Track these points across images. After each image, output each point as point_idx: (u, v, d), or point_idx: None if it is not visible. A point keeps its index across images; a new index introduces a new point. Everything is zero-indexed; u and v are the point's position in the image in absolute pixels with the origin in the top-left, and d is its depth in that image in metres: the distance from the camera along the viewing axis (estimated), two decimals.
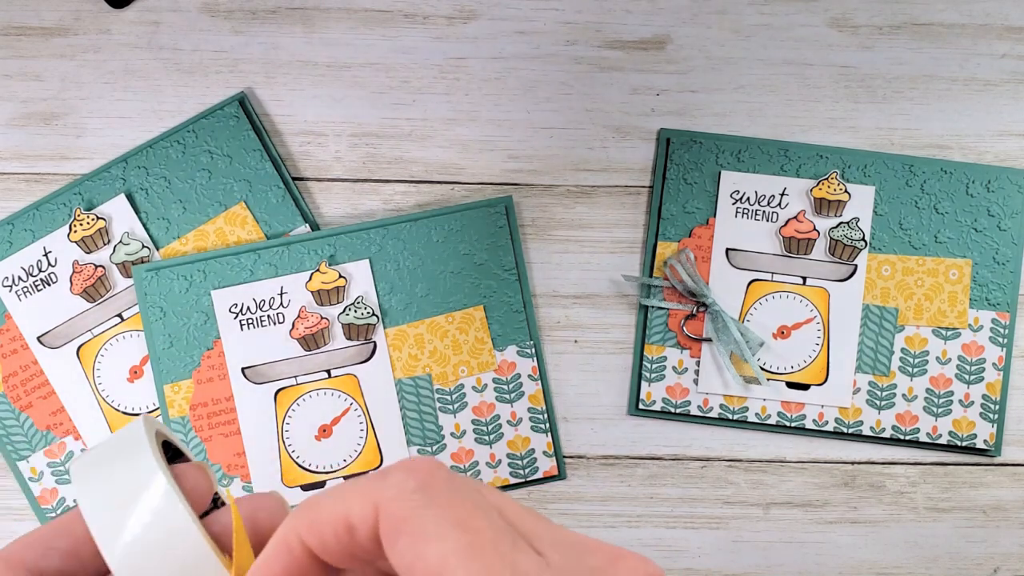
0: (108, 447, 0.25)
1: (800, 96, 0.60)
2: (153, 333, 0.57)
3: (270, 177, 0.58)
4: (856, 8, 0.60)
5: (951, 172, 0.58)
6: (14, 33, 0.59)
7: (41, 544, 0.24)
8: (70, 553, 0.25)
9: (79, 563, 0.25)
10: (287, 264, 0.57)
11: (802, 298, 0.58)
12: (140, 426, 0.26)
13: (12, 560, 0.24)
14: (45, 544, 0.25)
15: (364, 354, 0.57)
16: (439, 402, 0.57)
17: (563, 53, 0.60)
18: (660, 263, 0.59)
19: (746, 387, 0.58)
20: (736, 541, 0.59)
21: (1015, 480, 0.59)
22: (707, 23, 0.60)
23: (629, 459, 0.59)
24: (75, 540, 0.25)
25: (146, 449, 0.24)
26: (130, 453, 0.25)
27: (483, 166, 0.60)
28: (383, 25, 0.60)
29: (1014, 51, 0.60)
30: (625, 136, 0.60)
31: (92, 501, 0.24)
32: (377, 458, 0.57)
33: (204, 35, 0.59)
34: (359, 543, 0.20)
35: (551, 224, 0.59)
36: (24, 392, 0.57)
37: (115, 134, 0.59)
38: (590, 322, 0.59)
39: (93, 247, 0.57)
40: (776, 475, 0.59)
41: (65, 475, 0.57)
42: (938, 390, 0.58)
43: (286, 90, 0.59)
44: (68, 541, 0.25)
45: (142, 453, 0.24)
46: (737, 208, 0.59)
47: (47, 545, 0.24)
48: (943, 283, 0.58)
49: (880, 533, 0.59)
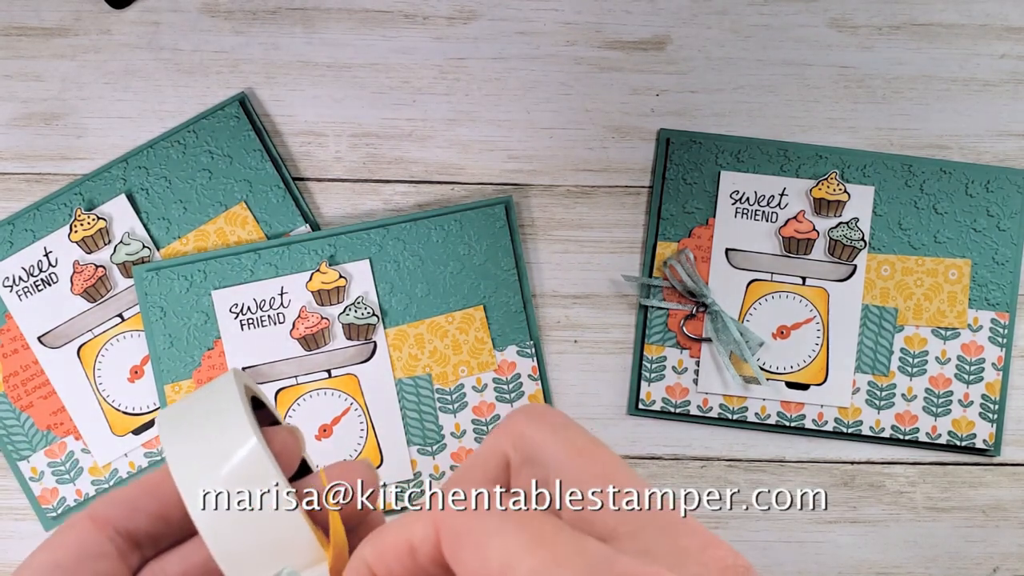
0: (198, 401, 0.24)
1: (800, 96, 0.60)
2: (153, 333, 0.57)
3: (270, 177, 0.58)
4: (856, 8, 0.60)
5: (950, 172, 0.58)
6: (15, 33, 0.59)
7: (128, 504, 0.24)
8: (158, 515, 0.24)
9: (167, 526, 0.24)
10: (287, 264, 0.57)
11: (801, 298, 0.58)
12: (231, 381, 0.24)
13: (99, 519, 0.23)
14: (132, 504, 0.24)
15: (364, 354, 0.57)
16: (439, 402, 0.57)
17: (563, 53, 0.60)
18: (660, 263, 0.59)
19: (746, 387, 0.58)
20: (736, 541, 0.59)
21: (1014, 480, 0.59)
22: (707, 23, 0.60)
23: (629, 459, 0.59)
24: (163, 502, 0.24)
25: (239, 408, 0.23)
26: (221, 411, 0.23)
27: (483, 166, 0.60)
28: (383, 25, 0.60)
29: (1014, 51, 0.60)
30: (625, 136, 0.60)
31: (182, 462, 0.22)
32: (377, 458, 0.57)
33: (204, 35, 0.59)
34: (422, 565, 0.20)
35: (551, 224, 0.59)
36: (25, 392, 0.57)
37: (115, 134, 0.59)
38: (590, 322, 0.59)
39: (94, 247, 0.58)
40: (776, 475, 0.59)
41: (66, 475, 0.58)
42: (937, 390, 0.58)
43: (286, 90, 0.59)
44: (156, 503, 0.24)
45: (234, 412, 0.23)
46: (737, 208, 0.59)
47: (134, 506, 0.24)
48: (942, 283, 0.58)
49: (879, 533, 0.59)
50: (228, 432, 0.23)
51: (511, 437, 0.22)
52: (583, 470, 0.21)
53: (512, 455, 0.22)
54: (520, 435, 0.22)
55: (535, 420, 0.22)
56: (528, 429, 0.22)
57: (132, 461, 0.58)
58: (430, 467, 0.58)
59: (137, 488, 0.24)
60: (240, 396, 0.24)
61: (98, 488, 0.58)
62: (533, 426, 0.22)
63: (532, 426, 0.22)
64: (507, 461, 0.22)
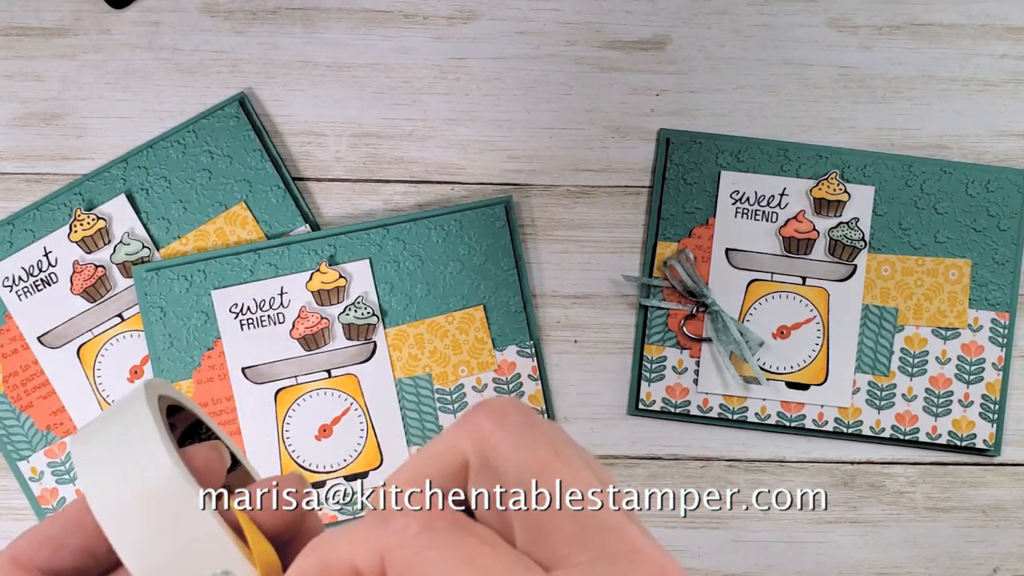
0: (110, 422, 0.23)
1: (800, 96, 0.60)
2: (153, 333, 0.57)
3: (270, 177, 0.58)
4: (856, 8, 0.60)
5: (950, 172, 0.58)
6: (14, 33, 0.59)
7: (52, 542, 0.23)
8: (84, 550, 0.23)
9: (93, 559, 0.23)
10: (287, 264, 0.57)
11: (802, 298, 0.58)
12: (142, 396, 0.23)
13: (22, 560, 0.23)
14: (56, 542, 0.23)
15: (364, 354, 0.57)
16: (439, 402, 0.57)
17: (563, 53, 0.60)
18: (660, 263, 0.59)
19: (746, 387, 0.58)
20: (736, 541, 0.59)
21: (1014, 480, 0.59)
22: (707, 23, 0.60)
23: (629, 459, 0.59)
24: (87, 536, 0.23)
25: (152, 428, 0.22)
26: (135, 432, 0.22)
27: (483, 166, 0.60)
28: (383, 25, 0.60)
29: (1014, 51, 0.60)
30: (625, 136, 0.60)
31: (100, 492, 0.22)
32: (377, 458, 0.57)
33: (204, 35, 0.59)
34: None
35: (551, 224, 0.59)
36: (24, 392, 0.57)
37: (115, 134, 0.59)
38: (590, 322, 0.59)
39: (93, 247, 0.58)
40: (776, 475, 0.59)
41: (66, 475, 0.58)
42: (938, 390, 0.58)
43: (286, 90, 0.59)
44: (80, 538, 0.23)
45: (148, 433, 0.22)
46: (737, 208, 0.59)
47: (59, 543, 0.23)
48: (943, 283, 0.58)
49: (880, 533, 0.59)
50: (143, 455, 0.22)
51: (471, 438, 0.21)
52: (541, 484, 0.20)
53: (471, 458, 0.21)
54: (481, 438, 0.21)
55: (498, 421, 0.21)
56: (491, 435, 0.21)
57: None
58: None
59: (60, 523, 0.23)
60: (153, 413, 0.23)
61: None
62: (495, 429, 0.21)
63: (494, 429, 0.21)
64: (465, 462, 0.22)
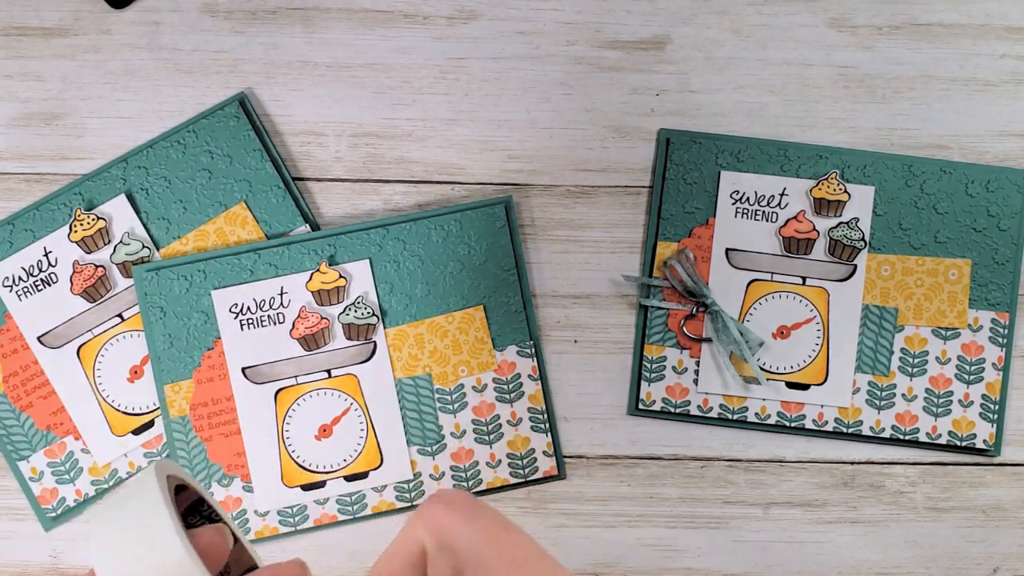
0: (122, 505, 0.25)
1: (800, 96, 0.60)
2: (153, 333, 0.57)
3: (270, 177, 0.58)
4: (856, 8, 0.60)
5: (950, 172, 0.58)
6: (14, 33, 0.59)
7: None
8: None
9: None
10: (287, 264, 0.57)
11: (802, 298, 0.58)
12: (153, 481, 0.25)
13: None
14: None
15: (364, 354, 0.57)
16: (439, 402, 0.57)
17: (563, 53, 0.60)
18: (660, 263, 0.59)
19: (746, 387, 0.58)
20: (736, 541, 0.59)
21: (1015, 480, 0.59)
22: (707, 23, 0.60)
23: (629, 459, 0.59)
24: None
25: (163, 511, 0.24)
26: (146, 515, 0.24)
27: (483, 166, 0.60)
28: (383, 25, 0.60)
29: (1013, 51, 0.60)
30: (625, 136, 0.60)
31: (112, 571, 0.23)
32: (377, 458, 0.57)
33: (204, 35, 0.59)
34: None
35: (551, 224, 0.59)
36: (24, 392, 0.57)
37: (115, 134, 0.59)
38: (590, 322, 0.59)
39: (93, 247, 0.58)
40: (776, 475, 0.59)
41: (66, 475, 0.58)
42: (938, 390, 0.58)
43: (286, 90, 0.59)
44: None
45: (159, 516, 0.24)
46: (737, 208, 0.59)
47: None
48: (943, 283, 0.58)
49: (880, 533, 0.59)
50: (156, 539, 0.24)
51: (427, 526, 0.24)
52: (495, 556, 0.23)
53: (428, 543, 0.24)
54: (435, 524, 0.24)
55: (448, 508, 0.24)
56: (444, 519, 0.24)
57: (132, 461, 0.58)
58: (430, 467, 0.58)
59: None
60: (164, 498, 0.25)
61: (98, 488, 0.58)
62: (447, 515, 0.24)
63: (447, 515, 0.24)
64: (423, 549, 0.24)
